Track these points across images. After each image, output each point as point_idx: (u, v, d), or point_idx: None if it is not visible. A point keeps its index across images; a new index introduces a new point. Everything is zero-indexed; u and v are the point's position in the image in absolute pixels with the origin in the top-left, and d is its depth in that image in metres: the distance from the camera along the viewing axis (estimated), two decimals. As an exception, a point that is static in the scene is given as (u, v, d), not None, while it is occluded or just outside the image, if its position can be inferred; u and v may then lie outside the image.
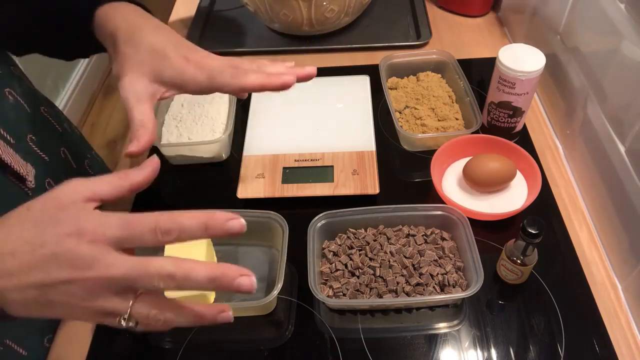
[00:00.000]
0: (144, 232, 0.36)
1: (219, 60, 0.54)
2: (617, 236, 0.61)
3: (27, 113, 0.62)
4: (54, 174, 0.63)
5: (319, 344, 0.58)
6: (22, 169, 0.54)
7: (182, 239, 0.36)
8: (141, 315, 0.36)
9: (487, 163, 0.66)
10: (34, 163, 0.58)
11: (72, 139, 0.75)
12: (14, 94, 0.60)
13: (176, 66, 0.52)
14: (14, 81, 0.62)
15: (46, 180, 0.61)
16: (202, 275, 0.35)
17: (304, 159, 0.72)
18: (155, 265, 0.35)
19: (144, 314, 0.36)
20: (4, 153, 0.52)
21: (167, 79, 0.52)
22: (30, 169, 0.56)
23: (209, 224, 0.36)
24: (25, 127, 0.61)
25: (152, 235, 0.36)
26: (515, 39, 0.92)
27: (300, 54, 0.93)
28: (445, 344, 0.57)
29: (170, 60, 0.52)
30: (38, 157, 0.61)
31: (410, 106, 0.79)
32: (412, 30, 0.96)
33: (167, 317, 0.37)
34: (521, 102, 0.70)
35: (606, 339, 0.56)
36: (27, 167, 0.55)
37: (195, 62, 0.52)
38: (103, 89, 2.36)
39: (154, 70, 0.52)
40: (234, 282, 0.36)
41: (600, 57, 0.63)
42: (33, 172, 0.57)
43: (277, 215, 0.62)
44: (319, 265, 0.61)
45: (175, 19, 1.05)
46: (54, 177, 0.63)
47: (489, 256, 0.62)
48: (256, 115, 0.79)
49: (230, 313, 0.39)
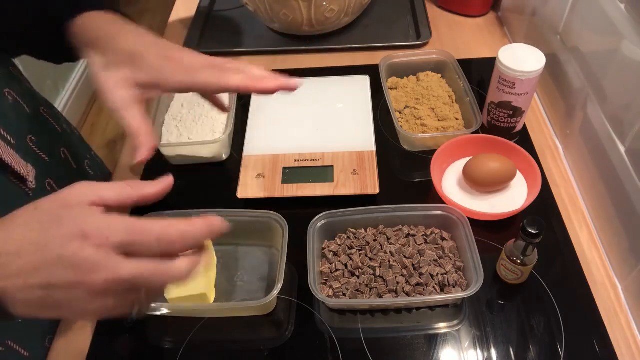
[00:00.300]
0: (149, 241, 0.36)
1: (200, 59, 0.53)
2: (617, 236, 0.61)
3: (27, 113, 0.62)
4: (54, 175, 0.63)
5: (319, 344, 0.58)
6: (23, 170, 0.54)
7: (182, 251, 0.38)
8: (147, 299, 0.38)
9: (487, 163, 0.66)
10: (34, 163, 0.58)
11: (71, 139, 0.75)
12: (14, 95, 0.60)
13: (153, 65, 0.51)
14: (13, 82, 0.62)
15: (46, 181, 0.61)
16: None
17: (304, 159, 0.72)
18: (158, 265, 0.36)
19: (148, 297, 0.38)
20: (5, 154, 0.52)
21: (145, 79, 0.52)
22: (30, 169, 0.56)
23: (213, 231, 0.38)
24: (25, 127, 0.61)
25: (157, 244, 0.36)
26: (515, 39, 0.92)
27: (300, 54, 0.93)
28: (445, 344, 0.57)
29: (147, 60, 0.51)
30: (38, 157, 0.61)
31: (410, 106, 0.79)
32: (412, 30, 0.96)
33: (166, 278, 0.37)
34: (521, 102, 0.70)
35: (606, 339, 0.56)
36: (27, 167, 0.56)
37: (174, 60, 0.52)
38: (103, 89, 2.35)
39: (132, 74, 0.51)
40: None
41: (600, 57, 0.63)
42: (34, 173, 0.57)
43: (277, 215, 0.62)
44: (319, 265, 0.61)
45: (175, 19, 1.05)
46: (54, 177, 0.63)
47: (489, 256, 0.62)
48: (256, 115, 0.79)
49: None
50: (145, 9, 2.67)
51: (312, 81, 0.83)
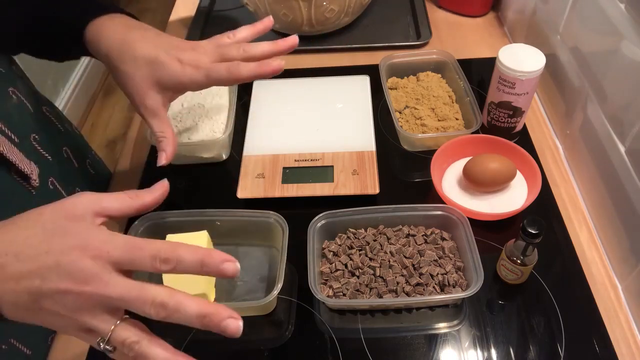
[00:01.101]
0: (144, 257, 0.37)
1: (209, 54, 0.56)
2: (617, 236, 0.61)
3: (30, 112, 0.62)
4: (56, 174, 0.63)
5: (319, 344, 0.58)
6: (27, 168, 0.55)
7: (177, 270, 0.37)
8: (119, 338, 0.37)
9: (487, 163, 0.66)
10: (37, 162, 0.58)
11: (73, 138, 0.75)
12: (18, 94, 0.61)
13: (173, 71, 0.55)
14: (17, 81, 0.62)
15: (49, 180, 0.61)
16: (192, 310, 0.36)
17: (304, 159, 0.72)
18: (151, 291, 0.36)
19: (122, 337, 0.37)
20: (9, 152, 0.53)
21: (169, 85, 0.56)
22: (34, 167, 0.57)
23: (205, 262, 0.37)
24: (29, 126, 0.61)
25: (152, 262, 0.37)
26: (515, 39, 0.92)
27: (300, 54, 0.93)
28: (445, 344, 0.57)
29: (167, 66, 0.55)
30: (41, 156, 0.62)
31: (410, 106, 0.79)
32: (412, 30, 0.96)
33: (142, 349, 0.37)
34: (521, 102, 0.70)
35: (606, 339, 0.56)
36: (31, 165, 0.56)
37: (189, 63, 0.55)
38: (103, 89, 2.36)
39: (157, 82, 0.55)
40: (221, 322, 0.36)
41: (600, 57, 0.63)
42: (37, 171, 0.57)
43: (277, 215, 0.62)
44: (319, 265, 0.61)
45: (176, 19, 1.05)
46: (57, 176, 0.63)
47: (489, 256, 0.62)
48: (256, 115, 0.79)
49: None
50: (145, 9, 2.67)
51: (312, 81, 0.83)
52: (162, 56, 0.55)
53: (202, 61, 0.56)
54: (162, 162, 0.55)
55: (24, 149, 0.56)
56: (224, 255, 0.38)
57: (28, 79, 0.67)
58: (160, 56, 0.55)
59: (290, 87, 0.83)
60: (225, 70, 0.55)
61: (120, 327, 0.37)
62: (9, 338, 0.54)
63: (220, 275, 0.38)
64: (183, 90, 0.58)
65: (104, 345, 0.37)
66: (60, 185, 0.63)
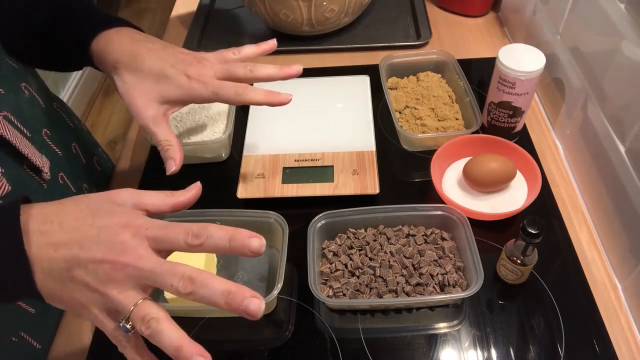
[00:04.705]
0: (178, 232, 0.39)
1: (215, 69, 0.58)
2: (617, 236, 0.61)
3: (41, 108, 0.63)
4: (66, 169, 0.64)
5: (319, 344, 0.58)
6: (39, 161, 0.56)
7: (207, 245, 0.39)
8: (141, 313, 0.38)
9: (487, 163, 0.66)
10: (48, 156, 0.59)
11: (82, 135, 0.76)
12: (30, 89, 0.61)
13: (180, 85, 0.56)
14: (28, 76, 0.63)
15: (59, 175, 0.62)
16: (219, 286, 0.37)
17: (304, 159, 0.72)
18: (180, 267, 0.38)
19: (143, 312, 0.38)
20: (21, 145, 0.53)
21: (174, 98, 0.57)
22: (45, 160, 0.57)
23: (234, 236, 0.39)
24: (40, 121, 0.61)
25: (184, 236, 0.39)
26: (515, 39, 0.92)
27: (300, 54, 0.93)
28: (445, 344, 0.57)
29: (172, 80, 0.56)
30: (52, 151, 0.62)
31: (410, 106, 0.79)
32: (412, 30, 0.96)
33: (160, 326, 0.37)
34: (521, 102, 0.70)
35: (606, 339, 0.56)
36: (42, 159, 0.57)
37: (196, 78, 0.57)
38: (103, 89, 2.36)
39: (160, 94, 0.56)
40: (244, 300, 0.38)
41: (600, 57, 0.63)
42: (48, 164, 0.58)
43: (277, 215, 0.62)
44: (319, 265, 0.61)
45: (176, 19, 1.05)
46: (67, 171, 0.63)
47: (489, 256, 0.62)
48: (256, 115, 0.79)
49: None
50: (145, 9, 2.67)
51: (312, 81, 0.83)
52: (169, 70, 0.56)
53: (208, 75, 0.57)
54: (172, 169, 0.56)
55: (36, 144, 0.57)
56: (251, 232, 0.40)
57: (38, 75, 0.68)
58: (167, 70, 0.56)
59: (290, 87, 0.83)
60: (233, 92, 0.57)
61: (144, 303, 0.38)
62: (19, 331, 0.54)
63: (246, 249, 0.39)
64: (187, 103, 0.59)
65: (124, 323, 0.38)
66: (69, 181, 0.64)
